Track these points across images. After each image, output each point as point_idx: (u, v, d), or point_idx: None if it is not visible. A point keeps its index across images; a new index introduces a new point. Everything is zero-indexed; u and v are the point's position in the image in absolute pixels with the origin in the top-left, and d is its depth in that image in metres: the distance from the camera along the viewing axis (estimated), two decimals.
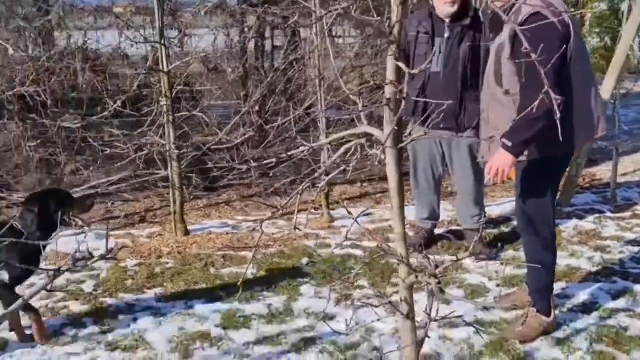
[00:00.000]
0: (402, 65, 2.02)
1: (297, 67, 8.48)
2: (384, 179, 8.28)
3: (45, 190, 5.57)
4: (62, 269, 2.36)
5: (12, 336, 4.46)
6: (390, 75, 2.13)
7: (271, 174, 8.13)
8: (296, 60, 8.55)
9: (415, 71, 2.09)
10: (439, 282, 2.19)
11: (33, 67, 6.91)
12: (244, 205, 7.58)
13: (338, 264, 5.78)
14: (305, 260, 5.86)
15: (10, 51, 7.03)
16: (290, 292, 5.22)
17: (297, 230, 6.17)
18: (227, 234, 6.58)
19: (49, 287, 2.50)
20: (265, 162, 6.52)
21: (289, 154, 2.89)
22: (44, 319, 4.72)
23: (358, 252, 6.01)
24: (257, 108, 8.22)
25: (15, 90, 6.15)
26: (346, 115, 7.64)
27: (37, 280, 5.04)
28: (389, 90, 2.14)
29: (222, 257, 5.91)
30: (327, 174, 2.65)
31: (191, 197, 7.54)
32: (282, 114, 8.07)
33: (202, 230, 6.65)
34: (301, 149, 2.45)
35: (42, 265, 4.44)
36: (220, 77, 8.84)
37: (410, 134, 2.41)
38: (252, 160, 7.37)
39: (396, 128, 2.09)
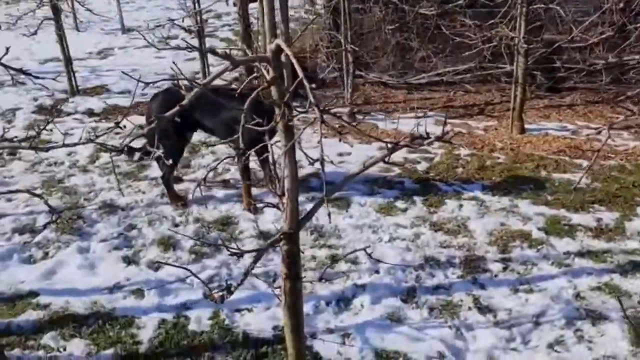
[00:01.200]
0: None
1: None
2: None
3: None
4: (401, 143, 2.53)
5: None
6: None
7: (624, 80, 7.34)
8: None
9: None
10: None
11: None
12: (588, 111, 7.08)
13: None
14: None
15: None
16: (625, 210, 4.86)
17: None
18: (564, 138, 6.29)
19: (386, 159, 2.66)
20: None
21: None
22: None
23: None
24: (621, 5, 7.34)
25: None
26: None
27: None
28: None
29: (555, 161, 5.72)
30: None
31: (532, 95, 7.31)
32: None
33: (539, 130, 6.46)
34: None
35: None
36: None
37: None
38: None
39: None
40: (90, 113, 7.46)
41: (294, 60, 2.08)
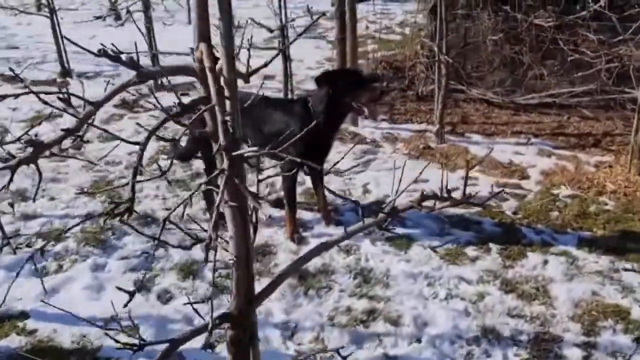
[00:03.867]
0: None
1: None
2: None
3: (339, 70, 5.53)
4: (398, 207, 1.82)
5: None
6: None
7: None
8: None
9: None
10: None
11: None
12: None
13: None
14: None
15: None
16: None
17: None
18: None
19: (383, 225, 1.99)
20: None
21: None
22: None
23: None
24: None
25: None
26: None
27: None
28: None
29: None
30: None
31: None
32: None
33: None
34: None
35: None
36: None
37: None
38: None
39: None
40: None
41: (208, 74, 1.44)
